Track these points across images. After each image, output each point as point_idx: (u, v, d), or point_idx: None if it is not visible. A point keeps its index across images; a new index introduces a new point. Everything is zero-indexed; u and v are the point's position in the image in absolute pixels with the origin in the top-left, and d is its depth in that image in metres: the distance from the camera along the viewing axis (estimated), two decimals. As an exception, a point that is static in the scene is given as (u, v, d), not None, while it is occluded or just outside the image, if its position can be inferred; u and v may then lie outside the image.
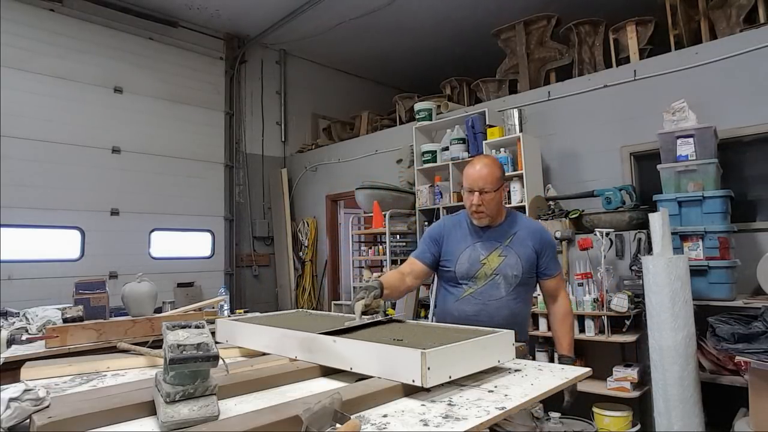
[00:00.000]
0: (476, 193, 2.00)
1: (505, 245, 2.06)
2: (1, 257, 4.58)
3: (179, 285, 5.25)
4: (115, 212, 5.38)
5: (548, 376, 1.45)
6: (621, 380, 3.17)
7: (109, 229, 5.31)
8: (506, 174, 4.01)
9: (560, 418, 3.27)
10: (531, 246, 2.07)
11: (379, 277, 2.06)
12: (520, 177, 3.93)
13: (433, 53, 7.03)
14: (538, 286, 2.23)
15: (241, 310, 3.65)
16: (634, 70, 3.94)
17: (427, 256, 2.14)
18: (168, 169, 5.81)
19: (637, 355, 3.39)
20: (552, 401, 2.83)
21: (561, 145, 4.29)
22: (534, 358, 2.59)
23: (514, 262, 2.03)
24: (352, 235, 5.49)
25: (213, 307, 3.16)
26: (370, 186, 5.01)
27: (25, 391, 1.05)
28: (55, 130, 5.01)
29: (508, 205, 3.93)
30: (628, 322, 3.21)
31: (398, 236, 5.12)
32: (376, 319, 1.71)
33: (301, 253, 6.56)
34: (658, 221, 2.82)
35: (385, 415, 1.12)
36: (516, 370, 1.51)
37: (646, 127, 3.69)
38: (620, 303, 3.16)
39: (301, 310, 3.26)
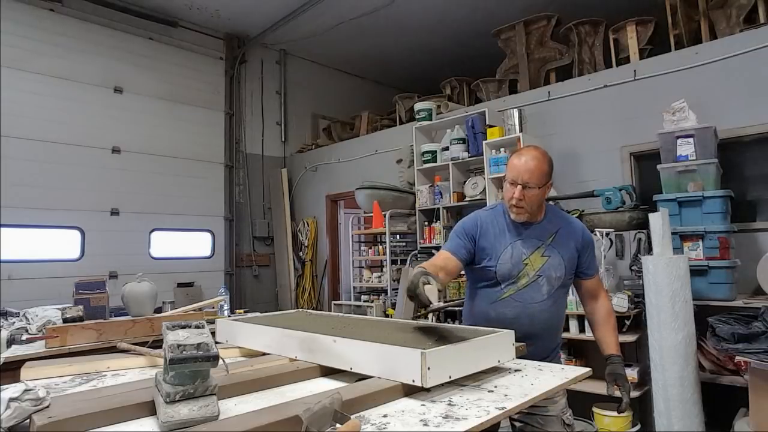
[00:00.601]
0: (519, 187, 1.83)
1: (548, 244, 1.91)
2: (1, 257, 4.58)
3: (179, 285, 5.24)
4: (115, 212, 5.38)
5: (548, 376, 1.45)
6: (621, 380, 3.16)
7: (109, 229, 5.31)
8: (504, 174, 4.01)
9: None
10: (573, 246, 1.93)
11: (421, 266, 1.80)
12: (520, 177, 3.92)
13: (433, 53, 7.03)
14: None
15: (241, 310, 3.65)
16: (634, 70, 3.94)
17: (462, 252, 1.92)
18: (168, 169, 5.80)
19: (637, 355, 3.39)
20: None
21: (561, 145, 4.29)
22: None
23: (557, 262, 1.89)
24: (352, 235, 5.49)
25: (213, 307, 3.16)
26: (370, 186, 5.01)
27: (25, 391, 1.05)
28: (55, 130, 5.01)
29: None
30: (628, 322, 3.21)
31: (398, 236, 5.12)
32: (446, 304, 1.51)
33: (301, 253, 6.56)
34: (658, 221, 2.82)
35: (385, 415, 1.12)
36: (516, 370, 1.50)
37: (646, 127, 3.69)
38: (620, 303, 3.16)
39: (301, 310, 3.25)
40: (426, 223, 4.72)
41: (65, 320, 2.55)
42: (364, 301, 5.12)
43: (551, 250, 1.90)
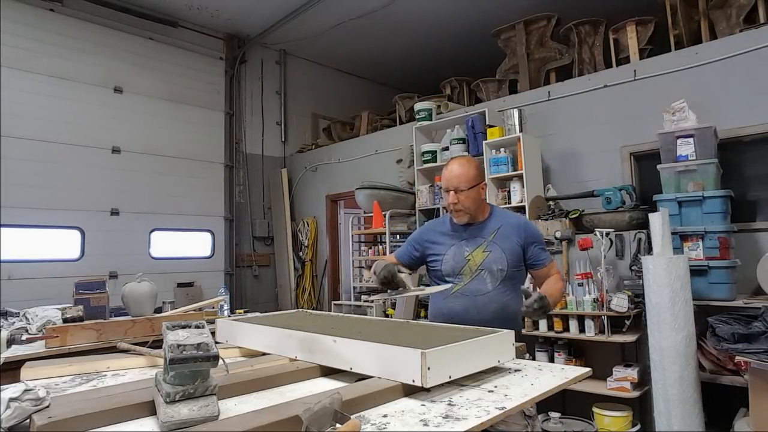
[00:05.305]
0: (452, 192, 2.08)
1: (490, 240, 2.09)
2: (1, 257, 4.58)
3: (179, 285, 5.24)
4: (115, 212, 5.38)
5: (548, 376, 1.45)
6: (621, 380, 3.17)
7: (109, 229, 5.31)
8: (506, 174, 4.01)
9: (560, 418, 3.28)
10: (515, 240, 2.09)
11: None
12: (520, 177, 3.93)
13: (433, 53, 7.03)
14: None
15: (241, 310, 3.65)
16: (634, 70, 3.94)
17: (404, 258, 2.23)
18: (168, 169, 5.80)
19: (637, 355, 3.39)
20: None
21: (561, 145, 4.29)
22: (534, 358, 2.56)
23: (498, 256, 2.06)
24: (352, 235, 5.49)
25: (213, 307, 3.16)
26: (370, 186, 5.01)
27: (25, 391, 1.05)
28: (55, 130, 5.01)
29: (507, 206, 3.94)
30: (628, 322, 3.22)
31: (398, 236, 5.11)
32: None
33: (301, 253, 6.56)
34: (658, 221, 2.82)
35: (385, 415, 1.12)
36: (516, 370, 1.51)
37: (646, 127, 3.69)
38: (620, 303, 3.16)
39: (301, 310, 3.26)
40: (426, 222, 4.71)
41: (65, 320, 2.55)
42: (364, 301, 5.12)
43: (492, 246, 2.08)
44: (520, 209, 3.84)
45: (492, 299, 2.03)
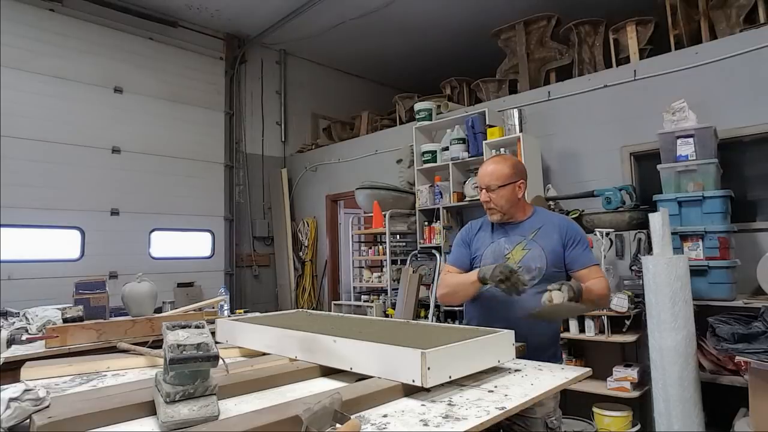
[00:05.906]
0: (484, 190, 2.07)
1: (530, 239, 2.05)
2: (1, 257, 4.58)
3: (179, 285, 5.24)
4: (115, 212, 5.38)
5: (548, 376, 1.45)
6: (621, 380, 3.17)
7: (109, 229, 5.31)
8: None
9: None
10: (557, 239, 2.03)
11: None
12: (520, 177, 3.93)
13: (433, 53, 7.03)
14: None
15: (241, 310, 3.65)
16: (634, 70, 3.94)
17: (465, 261, 2.16)
18: (168, 169, 5.80)
19: (637, 355, 3.39)
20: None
21: (561, 145, 4.29)
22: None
23: (537, 254, 2.01)
24: (352, 235, 5.49)
25: (213, 307, 3.16)
26: (370, 186, 5.00)
27: (25, 391, 1.05)
28: (55, 130, 5.01)
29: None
30: (628, 322, 3.22)
31: (398, 236, 5.12)
32: None
33: (301, 253, 6.56)
34: (658, 221, 2.82)
35: (385, 415, 1.12)
36: (516, 370, 1.51)
37: (646, 127, 3.69)
38: (620, 303, 3.16)
39: (301, 310, 3.26)
40: (426, 223, 4.72)
41: (65, 320, 2.55)
42: (364, 301, 5.12)
43: (532, 244, 2.05)
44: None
45: (527, 297, 1.93)
